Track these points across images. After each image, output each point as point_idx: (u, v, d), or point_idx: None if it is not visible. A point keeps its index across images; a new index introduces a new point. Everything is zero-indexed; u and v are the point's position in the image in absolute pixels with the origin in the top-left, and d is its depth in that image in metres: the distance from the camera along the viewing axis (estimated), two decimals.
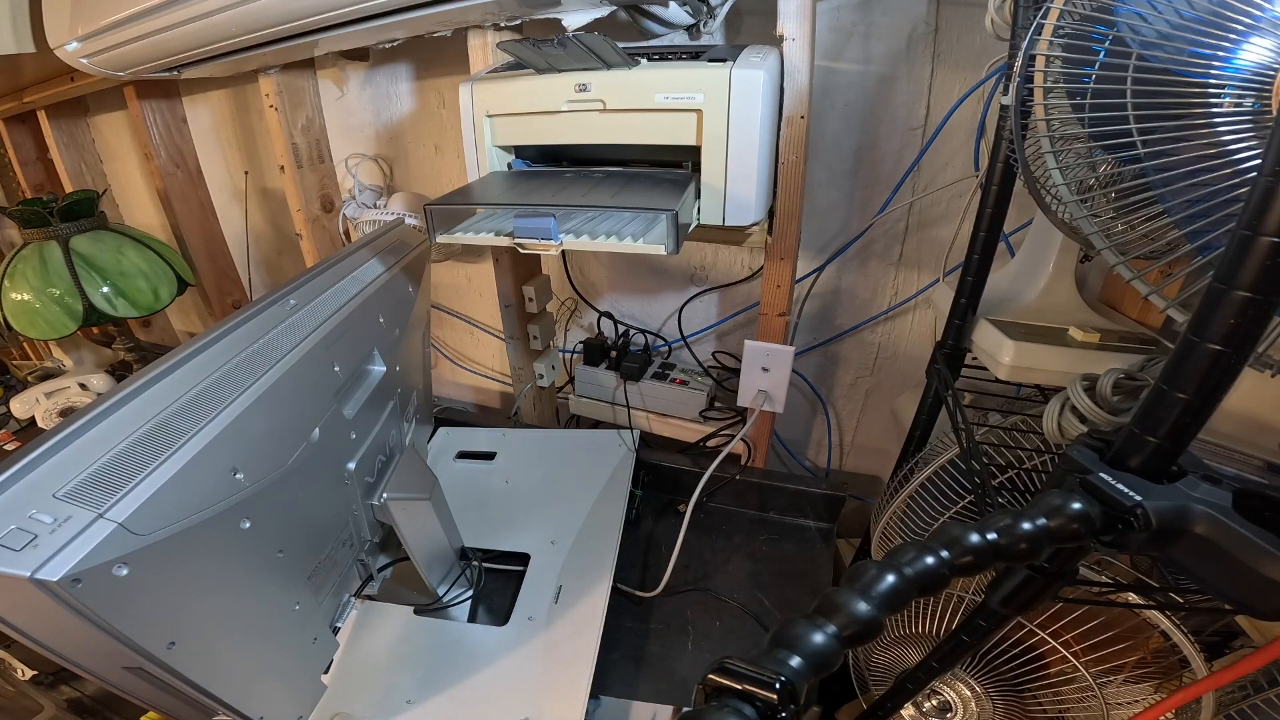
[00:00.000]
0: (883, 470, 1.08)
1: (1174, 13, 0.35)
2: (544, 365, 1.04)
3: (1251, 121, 0.33)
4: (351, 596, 0.72)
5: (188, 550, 0.42)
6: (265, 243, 1.43)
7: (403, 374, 0.78)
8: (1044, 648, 0.55)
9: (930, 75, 0.80)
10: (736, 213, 0.65)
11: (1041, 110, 0.45)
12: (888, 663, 0.70)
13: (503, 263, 0.95)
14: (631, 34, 0.76)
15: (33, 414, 1.21)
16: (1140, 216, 0.40)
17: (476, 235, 0.62)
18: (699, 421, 0.96)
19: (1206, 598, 0.45)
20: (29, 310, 1.06)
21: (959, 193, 0.84)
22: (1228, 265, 0.28)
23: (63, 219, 1.09)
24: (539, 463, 0.92)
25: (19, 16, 0.91)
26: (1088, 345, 0.59)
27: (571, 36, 0.58)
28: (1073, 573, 0.41)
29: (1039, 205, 0.51)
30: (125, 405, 0.43)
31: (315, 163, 1.10)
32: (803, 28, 0.64)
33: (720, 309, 1.07)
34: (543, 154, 0.76)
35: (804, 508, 0.89)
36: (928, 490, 0.67)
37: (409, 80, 1.08)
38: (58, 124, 1.42)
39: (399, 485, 0.67)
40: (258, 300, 0.59)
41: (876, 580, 0.26)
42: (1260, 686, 0.47)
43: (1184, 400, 0.31)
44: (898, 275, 0.94)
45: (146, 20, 0.78)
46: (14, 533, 0.34)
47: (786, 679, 0.22)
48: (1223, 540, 0.30)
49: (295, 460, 0.54)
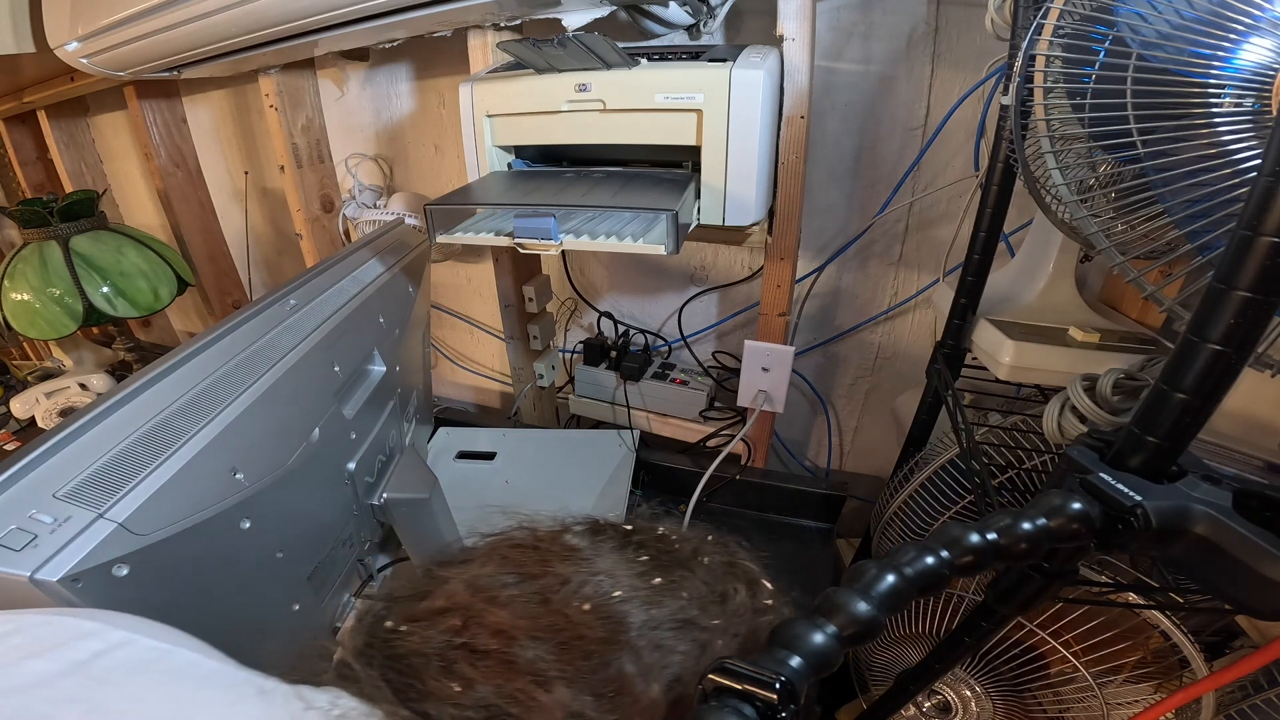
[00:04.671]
0: (883, 470, 1.08)
1: (1174, 13, 0.35)
2: (544, 365, 1.04)
3: (1251, 121, 0.33)
4: (351, 596, 0.72)
5: (187, 550, 0.42)
6: (265, 243, 1.43)
7: (403, 374, 0.78)
8: (1044, 648, 0.55)
9: (930, 75, 0.80)
10: (736, 213, 0.65)
11: (1041, 110, 0.45)
12: (888, 663, 0.70)
13: (503, 263, 0.95)
14: (631, 34, 0.76)
15: (33, 414, 1.20)
16: (1140, 216, 0.40)
17: (476, 235, 0.62)
18: (699, 421, 0.96)
19: (1206, 598, 0.45)
20: (29, 310, 1.06)
21: (959, 193, 0.84)
22: (1228, 265, 0.28)
23: (63, 219, 1.09)
24: (539, 463, 0.92)
25: (19, 16, 0.91)
26: (1088, 345, 0.59)
27: (571, 36, 0.58)
28: (1073, 573, 0.41)
29: (1039, 205, 0.51)
30: (125, 405, 0.43)
31: (315, 163, 1.10)
32: (803, 28, 0.64)
33: (720, 309, 1.07)
34: (543, 154, 0.76)
35: (804, 508, 0.89)
36: (928, 490, 0.67)
37: (409, 80, 1.08)
38: (58, 124, 1.42)
39: (399, 485, 0.67)
40: (258, 300, 0.59)
41: (876, 580, 0.26)
42: (1260, 686, 0.47)
43: (1184, 400, 0.31)
44: (898, 275, 0.94)
45: (146, 20, 0.77)
46: (14, 533, 0.34)
47: (786, 679, 0.22)
48: (1223, 540, 0.30)
49: (295, 460, 0.54)
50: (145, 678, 0.24)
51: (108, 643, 0.25)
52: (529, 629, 0.28)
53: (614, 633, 0.28)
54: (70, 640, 0.24)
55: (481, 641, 0.28)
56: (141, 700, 0.23)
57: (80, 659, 0.24)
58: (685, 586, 0.32)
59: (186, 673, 0.26)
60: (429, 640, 0.28)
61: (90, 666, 0.24)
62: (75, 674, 0.23)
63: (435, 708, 0.26)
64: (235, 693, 0.25)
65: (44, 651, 0.24)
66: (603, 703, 0.26)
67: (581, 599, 0.29)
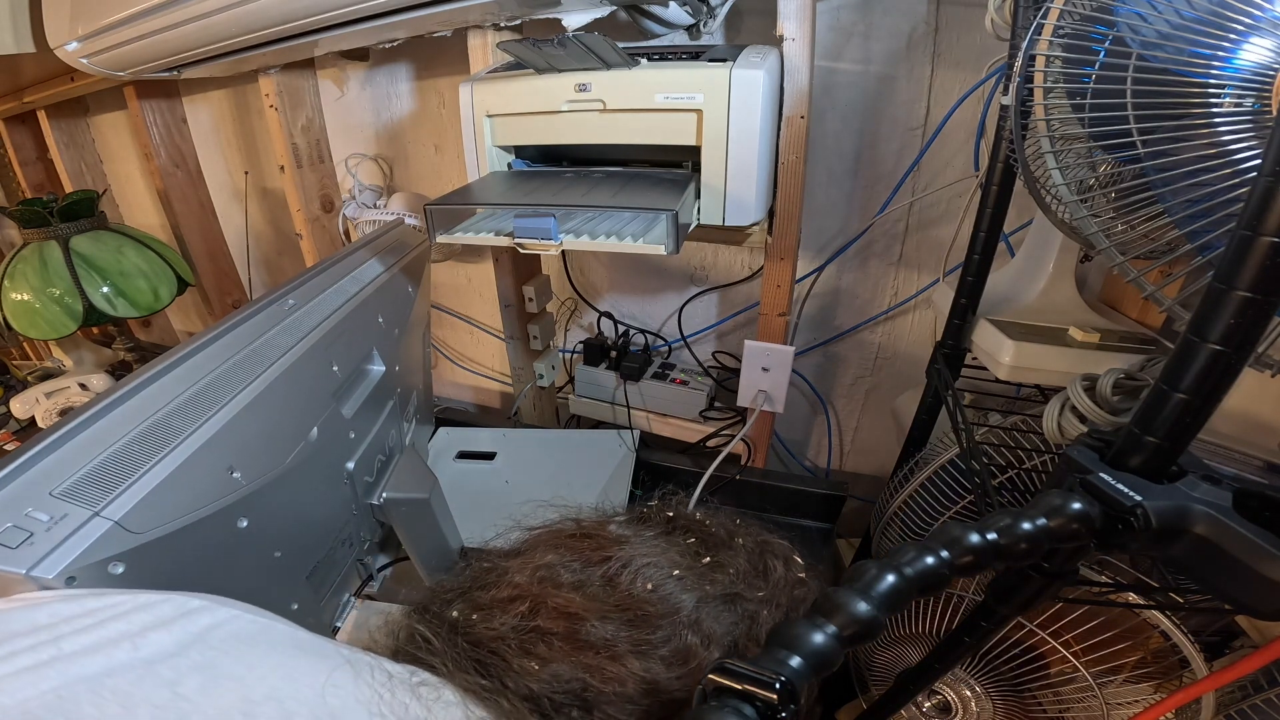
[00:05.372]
0: (883, 470, 1.08)
1: (1174, 13, 0.35)
2: (544, 365, 1.04)
3: (1251, 121, 0.33)
4: (351, 596, 0.72)
5: (184, 549, 0.42)
6: (265, 243, 1.43)
7: (402, 374, 0.78)
8: (1044, 648, 0.55)
9: (930, 75, 0.80)
10: (736, 213, 0.65)
11: (1041, 110, 0.45)
12: (888, 663, 0.70)
13: (503, 263, 0.95)
14: (631, 34, 0.76)
15: (33, 414, 1.20)
16: (1140, 216, 0.40)
17: (476, 235, 0.62)
18: (699, 421, 0.96)
19: (1206, 598, 0.45)
20: (29, 310, 1.06)
21: (959, 193, 0.84)
22: (1228, 265, 0.28)
23: (63, 219, 1.09)
24: (539, 463, 0.92)
25: (19, 16, 0.91)
26: (1088, 345, 0.59)
27: (571, 36, 0.58)
28: (1073, 573, 0.41)
29: (1039, 205, 0.51)
30: (123, 404, 0.43)
31: (315, 163, 1.10)
32: (803, 28, 0.64)
33: (720, 309, 1.07)
34: (543, 154, 0.76)
35: (804, 508, 0.89)
36: (928, 490, 0.67)
37: (409, 80, 1.08)
38: (58, 124, 1.42)
39: (399, 485, 0.67)
40: (257, 300, 0.59)
41: (876, 580, 0.26)
42: (1260, 686, 0.47)
43: (1184, 400, 0.31)
44: (898, 275, 0.94)
45: (146, 20, 0.77)
46: (10, 530, 0.34)
47: (786, 679, 0.22)
48: (1223, 540, 0.30)
49: (293, 459, 0.54)
50: (254, 647, 0.27)
51: (217, 618, 0.27)
52: (599, 610, 0.31)
53: (676, 609, 0.32)
54: (185, 614, 0.27)
55: (552, 624, 0.31)
56: (255, 667, 0.26)
57: (197, 631, 0.26)
58: (731, 564, 0.36)
59: (287, 643, 0.28)
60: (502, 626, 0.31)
61: (207, 638, 0.26)
62: (196, 645, 0.25)
63: (514, 680, 0.29)
64: (329, 661, 0.27)
65: (164, 624, 0.26)
66: (672, 669, 0.30)
67: (645, 579, 0.33)
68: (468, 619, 0.32)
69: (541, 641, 0.30)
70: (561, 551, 0.35)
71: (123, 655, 0.24)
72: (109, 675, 0.23)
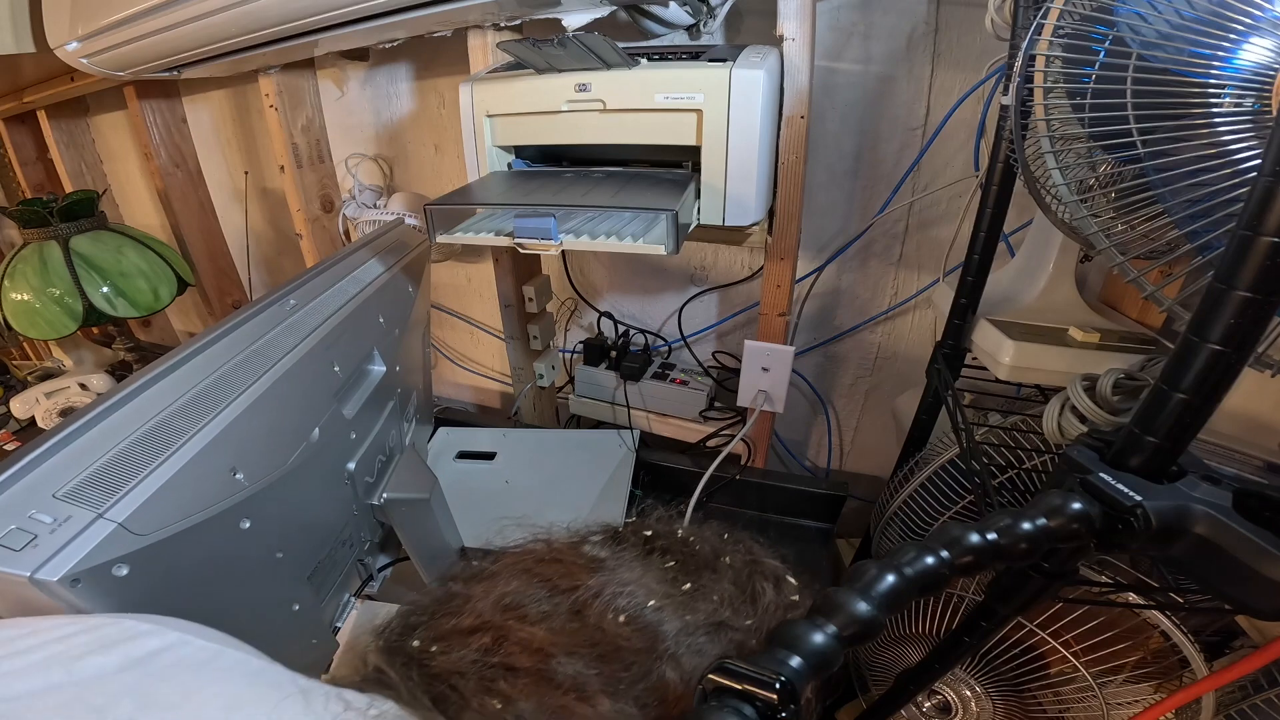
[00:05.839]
0: (883, 470, 1.08)
1: (1174, 13, 0.35)
2: (544, 365, 1.04)
3: (1251, 121, 0.33)
4: (351, 596, 0.72)
5: (187, 550, 0.42)
6: (265, 243, 1.43)
7: (403, 374, 0.78)
8: (1044, 648, 0.55)
9: (930, 75, 0.80)
10: (736, 213, 0.65)
11: (1041, 110, 0.45)
12: (888, 663, 0.70)
13: (503, 263, 0.95)
14: (631, 34, 0.76)
15: (33, 414, 1.20)
16: (1140, 216, 0.40)
17: (476, 235, 0.62)
18: (699, 421, 0.96)
19: (1206, 598, 0.45)
20: (29, 310, 1.06)
21: (959, 193, 0.84)
22: (1228, 265, 0.28)
23: (63, 219, 1.09)
24: (539, 463, 0.92)
25: (19, 16, 0.91)
26: (1088, 345, 0.59)
27: (571, 36, 0.58)
28: (1073, 573, 0.41)
29: (1039, 205, 0.51)
30: (125, 405, 0.43)
31: (315, 163, 1.10)
32: (803, 28, 0.64)
33: (720, 309, 1.07)
34: (543, 154, 0.76)
35: (804, 508, 0.89)
36: (928, 490, 0.67)
37: (409, 80, 1.08)
38: (58, 124, 1.42)
39: (399, 485, 0.67)
40: (257, 300, 0.59)
41: (876, 580, 0.26)
42: (1260, 686, 0.47)
43: (1184, 400, 0.31)
44: (898, 275, 0.94)
45: (146, 20, 0.77)
46: (14, 533, 0.34)
47: (786, 679, 0.22)
48: (1223, 540, 0.30)
49: (295, 460, 0.54)
50: (198, 675, 0.26)
51: (164, 642, 0.26)
52: (566, 645, 0.28)
53: (652, 642, 0.29)
54: (130, 638, 0.26)
55: (516, 659, 0.28)
56: (194, 695, 0.24)
57: (138, 656, 0.25)
58: (715, 589, 0.32)
59: (236, 671, 0.27)
60: (461, 660, 0.28)
61: (148, 664, 0.25)
62: (133, 669, 0.24)
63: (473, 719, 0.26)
64: (280, 691, 0.26)
65: (105, 648, 0.25)
66: (648, 711, 0.27)
67: (616, 611, 0.30)
68: (426, 650, 0.29)
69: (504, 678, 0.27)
70: (527, 578, 0.32)
71: (56, 677, 0.23)
72: (35, 696, 0.22)
